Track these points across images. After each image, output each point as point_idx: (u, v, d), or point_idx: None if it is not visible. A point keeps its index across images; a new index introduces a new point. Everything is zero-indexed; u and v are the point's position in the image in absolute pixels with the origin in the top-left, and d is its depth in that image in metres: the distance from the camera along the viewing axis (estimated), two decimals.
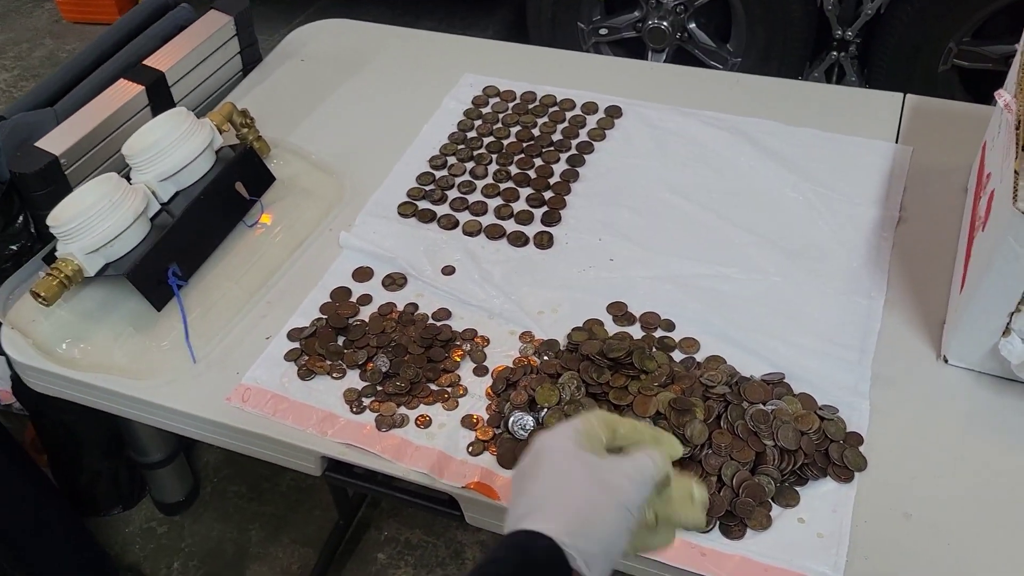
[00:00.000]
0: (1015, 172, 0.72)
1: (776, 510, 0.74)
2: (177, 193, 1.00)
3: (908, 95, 1.13)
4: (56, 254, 0.93)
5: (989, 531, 0.72)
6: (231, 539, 1.55)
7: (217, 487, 1.63)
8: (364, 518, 1.55)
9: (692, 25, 2.14)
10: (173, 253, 0.95)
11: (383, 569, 1.49)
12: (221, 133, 1.05)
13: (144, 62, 1.13)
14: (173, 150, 0.98)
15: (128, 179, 0.99)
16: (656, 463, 0.58)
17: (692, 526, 0.61)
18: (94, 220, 0.91)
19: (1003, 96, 0.85)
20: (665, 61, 2.21)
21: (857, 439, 0.78)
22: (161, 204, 0.99)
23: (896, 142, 1.07)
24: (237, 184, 1.03)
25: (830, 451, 0.76)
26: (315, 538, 1.53)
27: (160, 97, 1.12)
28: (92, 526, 1.51)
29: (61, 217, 0.91)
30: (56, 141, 1.01)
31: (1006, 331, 0.78)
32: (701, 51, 2.17)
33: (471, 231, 1.01)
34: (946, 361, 0.83)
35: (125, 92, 1.08)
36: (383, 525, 1.55)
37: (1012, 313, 0.76)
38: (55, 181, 1.00)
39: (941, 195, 0.99)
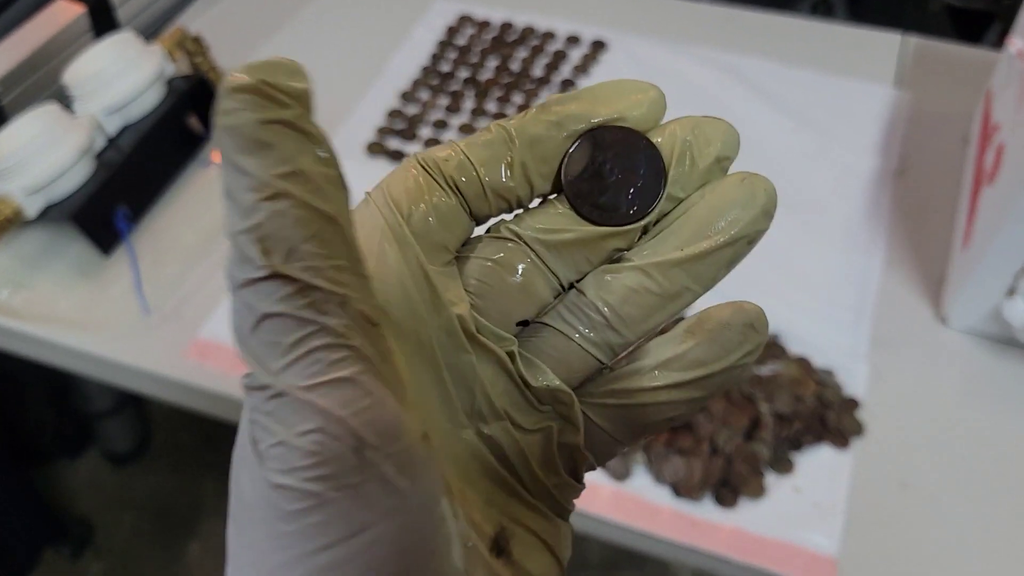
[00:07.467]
0: None
1: (770, 479, 0.70)
2: (125, 127, 0.91)
3: (905, 36, 1.07)
4: None
5: (987, 501, 0.69)
6: (185, 491, 1.49)
7: (170, 436, 1.56)
8: None
9: None
10: (122, 194, 0.87)
11: None
12: (173, 61, 0.96)
13: None
14: (120, 79, 0.89)
15: (71, 110, 0.90)
16: None
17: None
18: (34, 157, 0.82)
19: (1015, 44, 0.81)
20: None
21: (854, 404, 0.74)
22: (108, 139, 0.90)
23: (894, 86, 1.02)
24: (191, 118, 0.95)
25: (826, 417, 0.73)
26: None
27: (103, 19, 1.02)
28: (35, 477, 1.44)
29: None
30: None
31: (1011, 292, 0.74)
32: None
33: None
34: (945, 323, 0.80)
35: (65, 13, 0.98)
36: None
37: (1019, 273, 0.72)
38: None
39: (941, 145, 0.94)
